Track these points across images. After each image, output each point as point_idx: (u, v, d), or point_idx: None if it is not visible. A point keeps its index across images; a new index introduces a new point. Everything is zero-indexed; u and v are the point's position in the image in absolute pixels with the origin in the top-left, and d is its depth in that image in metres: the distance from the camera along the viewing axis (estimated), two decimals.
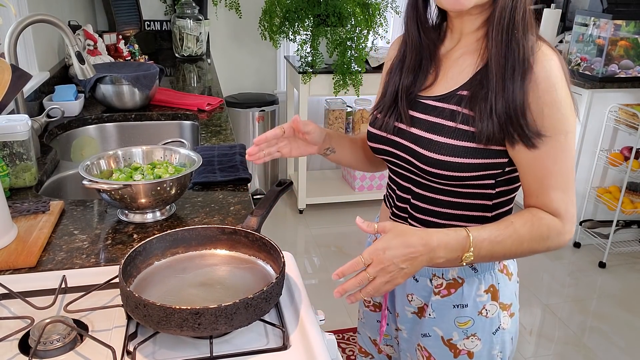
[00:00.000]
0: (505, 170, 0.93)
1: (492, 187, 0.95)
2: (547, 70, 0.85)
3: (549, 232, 0.89)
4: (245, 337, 0.80)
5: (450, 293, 1.02)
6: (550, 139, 0.87)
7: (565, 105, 0.87)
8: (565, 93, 0.87)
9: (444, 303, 1.02)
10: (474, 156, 0.90)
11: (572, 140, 0.89)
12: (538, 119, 0.87)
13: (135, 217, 1.16)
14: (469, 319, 1.02)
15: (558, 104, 0.86)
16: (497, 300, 1.02)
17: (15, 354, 0.74)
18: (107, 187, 1.08)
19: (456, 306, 1.02)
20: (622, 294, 2.77)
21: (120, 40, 2.73)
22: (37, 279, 0.92)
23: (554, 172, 0.88)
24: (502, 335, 1.04)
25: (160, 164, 1.24)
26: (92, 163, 1.19)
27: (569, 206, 0.90)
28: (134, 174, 1.18)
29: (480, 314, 1.02)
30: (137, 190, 1.09)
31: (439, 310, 1.03)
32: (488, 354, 1.04)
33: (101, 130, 1.94)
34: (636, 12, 2.85)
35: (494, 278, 1.02)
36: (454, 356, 1.04)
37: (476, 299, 1.01)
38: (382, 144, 1.03)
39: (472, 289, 1.01)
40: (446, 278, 1.02)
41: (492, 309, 1.02)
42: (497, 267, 1.02)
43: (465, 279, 1.01)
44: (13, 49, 1.41)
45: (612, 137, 3.03)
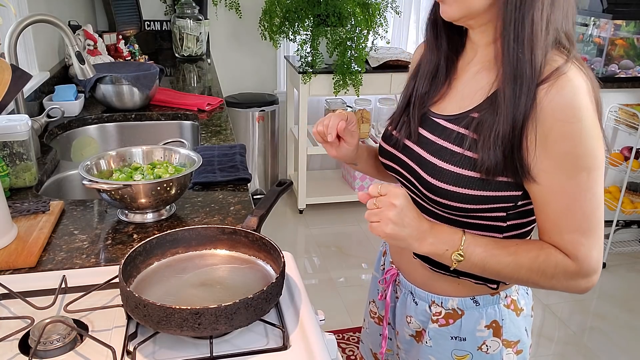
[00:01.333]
0: (517, 204, 0.84)
1: (502, 220, 0.87)
2: (568, 98, 0.75)
3: (555, 270, 0.81)
4: (245, 337, 0.80)
5: (449, 323, 0.96)
6: (569, 176, 0.77)
7: (590, 138, 0.76)
8: (591, 124, 0.76)
9: (442, 333, 0.97)
10: (481, 188, 0.82)
11: (598, 178, 0.78)
12: (542, 152, 0.78)
13: (135, 217, 1.16)
14: (467, 353, 0.96)
15: (579, 136, 0.75)
16: (500, 337, 0.95)
17: (15, 354, 0.74)
18: (107, 187, 1.08)
19: (454, 338, 0.96)
20: (622, 294, 2.77)
21: (120, 40, 2.73)
22: (37, 279, 0.92)
23: (571, 212, 0.79)
24: None
25: (160, 164, 1.24)
26: (92, 163, 1.19)
27: (590, 252, 0.80)
28: (134, 174, 1.18)
29: (479, 349, 0.96)
30: (137, 190, 1.09)
31: (436, 339, 0.98)
32: None
33: (101, 130, 1.94)
34: (636, 12, 2.85)
35: (497, 313, 0.95)
36: None
37: (476, 334, 0.95)
38: (391, 160, 0.98)
39: (472, 323, 0.95)
40: (445, 307, 0.96)
41: (493, 345, 0.96)
42: (502, 303, 0.95)
43: (465, 311, 0.95)
44: (13, 49, 1.41)
45: (612, 137, 3.03)
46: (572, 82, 0.76)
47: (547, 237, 0.83)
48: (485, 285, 0.93)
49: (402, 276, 1.03)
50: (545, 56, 0.78)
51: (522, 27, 0.77)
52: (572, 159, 0.77)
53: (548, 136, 0.77)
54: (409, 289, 1.02)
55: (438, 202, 0.87)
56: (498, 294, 0.95)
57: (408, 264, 1.01)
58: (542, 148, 0.78)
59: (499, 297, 0.95)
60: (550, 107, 0.76)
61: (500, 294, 0.95)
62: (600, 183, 0.79)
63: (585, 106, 0.76)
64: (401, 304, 1.04)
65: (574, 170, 0.77)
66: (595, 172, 0.78)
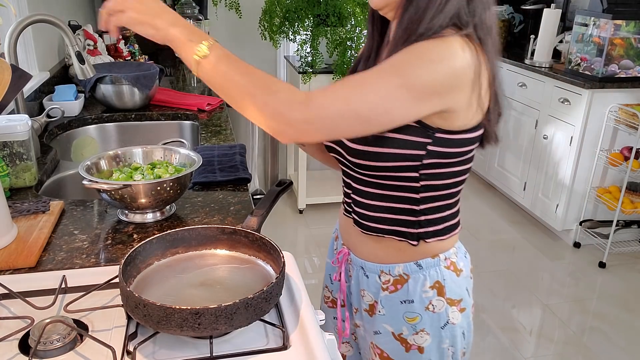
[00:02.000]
0: (423, 162, 0.91)
1: (416, 180, 0.94)
2: (434, 39, 0.83)
3: (282, 87, 0.84)
4: (245, 337, 0.80)
5: (397, 289, 1.04)
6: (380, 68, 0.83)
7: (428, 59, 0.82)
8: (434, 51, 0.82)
9: (392, 299, 1.04)
10: (391, 145, 0.90)
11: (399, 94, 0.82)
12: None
13: (135, 217, 1.16)
14: (416, 314, 1.04)
15: (420, 51, 0.82)
16: (443, 296, 1.03)
17: (15, 354, 0.74)
18: (107, 187, 1.08)
19: (403, 302, 1.04)
20: (622, 294, 2.77)
21: (120, 40, 2.73)
22: (37, 279, 0.92)
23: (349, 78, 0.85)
24: (452, 330, 1.06)
25: (160, 163, 1.24)
26: (92, 163, 1.19)
27: (319, 93, 0.83)
28: (134, 174, 1.18)
29: (427, 309, 1.03)
30: (137, 190, 1.09)
31: (388, 307, 1.05)
32: (438, 347, 1.06)
33: (101, 130, 1.94)
34: (636, 12, 2.85)
35: (439, 274, 1.03)
36: (405, 350, 1.06)
37: (422, 295, 1.03)
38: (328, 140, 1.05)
39: (418, 285, 1.02)
40: (392, 274, 1.04)
41: (439, 305, 1.03)
42: (442, 264, 1.03)
43: (410, 275, 1.03)
44: (13, 49, 1.41)
45: (612, 137, 3.03)
46: (444, 36, 0.84)
47: None
48: (407, 241, 1.00)
49: (352, 254, 1.10)
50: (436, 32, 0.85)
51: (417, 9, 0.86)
52: (398, 59, 0.83)
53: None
54: (360, 264, 1.09)
55: (358, 164, 0.95)
56: (438, 256, 1.03)
57: (355, 240, 1.08)
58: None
59: (439, 260, 1.03)
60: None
61: (439, 256, 1.03)
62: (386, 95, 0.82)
63: (441, 47, 0.82)
64: (355, 280, 1.11)
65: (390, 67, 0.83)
66: (405, 88, 0.81)
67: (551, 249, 3.19)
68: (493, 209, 3.67)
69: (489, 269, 2.96)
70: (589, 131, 2.98)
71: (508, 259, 3.06)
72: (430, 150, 0.90)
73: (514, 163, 3.58)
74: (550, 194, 3.24)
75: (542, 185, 3.31)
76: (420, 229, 0.99)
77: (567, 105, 3.05)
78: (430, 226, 0.99)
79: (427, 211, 0.98)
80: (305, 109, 0.82)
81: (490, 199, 3.81)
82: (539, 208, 3.36)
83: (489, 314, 2.57)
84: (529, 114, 3.39)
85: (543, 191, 3.31)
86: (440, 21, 0.85)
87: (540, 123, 3.29)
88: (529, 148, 3.40)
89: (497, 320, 2.53)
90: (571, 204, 3.13)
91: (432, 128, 0.89)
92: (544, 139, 3.25)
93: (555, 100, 3.14)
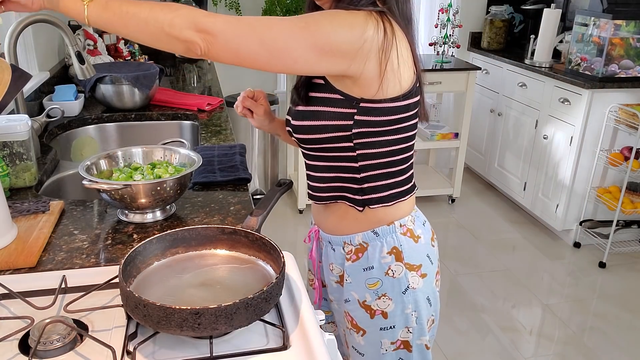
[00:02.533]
0: (354, 132, 0.99)
1: (352, 150, 1.02)
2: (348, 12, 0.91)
3: (177, 6, 0.85)
4: (245, 337, 0.80)
5: (359, 257, 1.11)
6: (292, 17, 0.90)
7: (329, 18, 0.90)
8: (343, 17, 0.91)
9: (355, 267, 1.11)
10: (322, 118, 1.00)
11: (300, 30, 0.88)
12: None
13: (135, 217, 1.16)
14: (377, 279, 1.10)
15: (327, 13, 0.92)
16: (402, 261, 1.09)
17: (15, 354, 0.74)
18: (107, 187, 1.08)
19: (365, 269, 1.10)
20: (622, 294, 2.77)
21: (120, 40, 2.73)
22: (37, 279, 0.92)
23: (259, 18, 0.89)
24: (414, 295, 1.11)
25: (160, 163, 1.24)
26: (92, 163, 1.19)
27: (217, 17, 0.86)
28: (134, 174, 1.18)
29: (386, 274, 1.09)
30: (137, 190, 1.09)
31: (353, 275, 1.12)
32: (402, 313, 1.11)
33: (101, 130, 1.94)
34: (636, 12, 2.85)
35: (396, 241, 1.09)
36: (371, 317, 1.12)
37: (381, 261, 1.09)
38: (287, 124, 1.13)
39: (376, 252, 1.09)
40: (353, 244, 1.11)
41: (398, 270, 1.09)
42: (399, 231, 1.09)
43: (369, 243, 1.09)
44: (13, 48, 1.41)
45: (612, 137, 3.03)
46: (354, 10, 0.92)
47: None
48: (354, 207, 1.09)
49: (321, 232, 1.19)
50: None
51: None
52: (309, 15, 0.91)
53: None
54: (327, 239, 1.17)
55: (300, 139, 1.05)
56: (393, 224, 1.09)
57: (321, 217, 1.18)
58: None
59: (395, 227, 1.09)
60: None
61: (395, 224, 1.09)
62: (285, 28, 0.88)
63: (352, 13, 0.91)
64: (325, 256, 1.20)
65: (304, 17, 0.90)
66: (308, 33, 0.88)
67: (551, 249, 3.19)
68: (493, 209, 3.67)
69: (489, 269, 2.96)
70: (589, 131, 2.98)
71: (508, 259, 3.06)
72: (358, 120, 0.99)
73: (514, 163, 3.58)
74: (551, 194, 3.24)
75: (542, 185, 3.31)
76: (364, 195, 1.07)
77: (567, 105, 3.05)
78: (374, 193, 1.07)
79: (368, 179, 1.06)
80: (211, 22, 0.84)
81: (490, 199, 3.81)
82: (539, 208, 3.36)
83: (489, 314, 2.57)
84: (529, 114, 3.39)
85: (543, 191, 3.31)
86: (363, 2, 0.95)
87: (540, 123, 3.29)
88: (529, 148, 3.40)
89: (497, 320, 2.53)
90: (571, 204, 3.13)
91: (355, 98, 0.97)
92: (544, 139, 3.25)
93: (555, 100, 3.14)
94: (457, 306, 2.63)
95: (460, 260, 3.03)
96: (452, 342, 2.37)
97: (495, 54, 3.73)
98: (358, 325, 1.14)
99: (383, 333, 1.12)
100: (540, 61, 3.31)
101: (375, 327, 1.12)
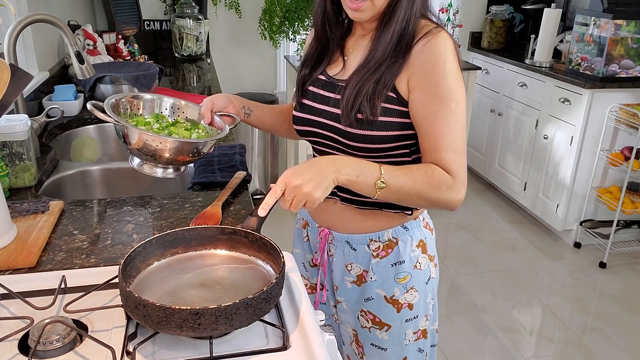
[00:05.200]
0: (416, 141, 1.05)
1: (408, 156, 1.06)
2: (438, 47, 0.97)
3: (439, 182, 0.98)
4: (245, 337, 0.79)
5: (388, 253, 1.13)
6: (442, 106, 0.98)
7: (454, 77, 0.99)
8: (454, 67, 0.99)
9: (383, 264, 1.13)
10: (390, 129, 1.02)
11: (463, 108, 1.00)
12: (418, 90, 0.99)
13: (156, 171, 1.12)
14: (407, 273, 1.13)
15: (446, 75, 0.98)
16: (426, 253, 1.16)
17: (15, 354, 0.74)
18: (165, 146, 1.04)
19: (394, 264, 1.13)
20: (622, 294, 2.77)
21: (120, 40, 2.72)
22: (36, 279, 0.92)
23: (446, 134, 0.99)
24: (432, 284, 1.18)
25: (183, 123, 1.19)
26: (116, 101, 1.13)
27: (460, 168, 1.00)
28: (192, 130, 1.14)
29: (415, 267, 1.14)
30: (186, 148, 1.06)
31: (379, 272, 1.14)
32: (424, 302, 1.17)
33: (101, 130, 1.94)
34: (636, 12, 2.84)
35: (422, 233, 1.15)
36: (397, 311, 1.15)
37: (411, 254, 1.13)
38: (306, 125, 1.13)
39: (407, 246, 1.13)
40: (382, 240, 1.13)
41: (423, 262, 1.15)
42: (422, 224, 1.16)
43: (399, 238, 1.13)
44: (13, 48, 1.40)
45: (613, 137, 3.03)
46: (442, 37, 0.99)
47: (429, 157, 1.01)
48: (403, 212, 1.12)
49: (334, 232, 1.17)
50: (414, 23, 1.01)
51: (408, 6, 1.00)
52: (442, 92, 0.98)
53: (422, 76, 0.99)
54: (345, 239, 1.16)
55: (356, 147, 1.04)
56: (418, 218, 1.15)
57: (339, 216, 1.15)
58: (418, 87, 0.99)
59: (420, 221, 1.16)
60: (425, 54, 0.98)
61: (419, 217, 1.16)
62: (464, 114, 1.01)
63: (450, 53, 0.98)
64: (338, 257, 1.18)
65: (445, 100, 0.98)
66: (460, 103, 0.99)
67: (551, 249, 3.19)
68: (493, 209, 3.66)
69: (489, 269, 2.95)
70: (590, 131, 2.98)
71: (508, 259, 3.06)
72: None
73: (514, 163, 3.58)
74: (551, 194, 3.24)
75: (543, 185, 3.31)
76: None
77: (568, 105, 3.05)
78: None
79: None
80: (460, 191, 1.00)
81: (491, 199, 3.80)
82: (539, 208, 3.36)
83: (489, 314, 2.57)
84: (529, 113, 3.38)
85: (543, 191, 3.31)
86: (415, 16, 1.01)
87: (540, 123, 3.29)
88: (530, 148, 3.40)
89: (497, 320, 2.52)
90: (572, 204, 3.13)
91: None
92: (544, 138, 3.25)
93: (555, 100, 3.14)
94: (457, 306, 2.63)
95: (460, 261, 3.03)
96: (452, 342, 2.37)
97: (496, 53, 3.73)
98: (382, 322, 1.16)
99: (407, 324, 1.16)
100: (541, 61, 3.31)
101: (401, 320, 1.16)
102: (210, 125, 1.18)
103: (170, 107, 1.22)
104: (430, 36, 0.99)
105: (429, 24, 1.02)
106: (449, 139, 0.99)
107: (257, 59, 3.71)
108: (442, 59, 0.97)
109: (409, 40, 1.00)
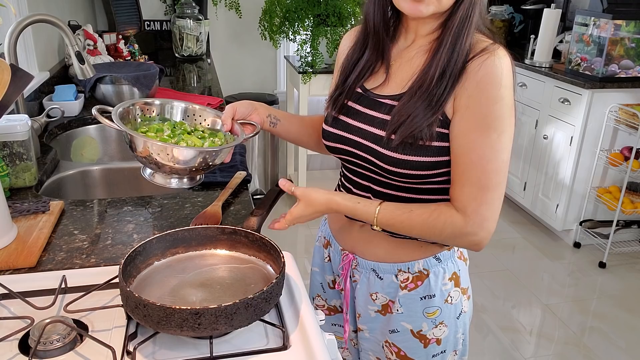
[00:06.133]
0: None
1: (449, 183, 0.96)
2: (494, 68, 0.87)
3: (443, 227, 0.91)
4: (245, 337, 0.80)
5: (418, 285, 1.04)
6: (481, 134, 0.87)
7: (504, 104, 0.88)
8: (507, 93, 0.88)
9: (411, 297, 1.04)
10: (432, 154, 0.91)
11: (506, 142, 0.89)
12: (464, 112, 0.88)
13: (170, 182, 1.03)
14: (437, 308, 1.05)
15: (496, 100, 0.87)
16: (459, 286, 1.07)
17: (15, 354, 0.74)
18: (180, 157, 0.95)
19: (423, 298, 1.04)
20: (622, 294, 2.77)
21: (120, 40, 2.73)
22: (37, 279, 0.92)
23: (476, 166, 0.88)
24: (464, 318, 1.10)
25: (187, 130, 1.10)
26: (124, 109, 1.04)
27: (481, 207, 0.89)
28: (205, 138, 1.05)
29: (446, 301, 1.05)
30: (205, 157, 0.98)
31: (407, 305, 1.05)
32: (453, 337, 1.08)
33: (101, 130, 1.94)
34: (636, 12, 2.85)
35: (455, 265, 1.06)
36: (424, 346, 1.07)
37: (442, 288, 1.04)
38: (338, 142, 1.03)
39: (438, 279, 1.04)
40: (412, 272, 1.04)
41: (455, 295, 1.07)
42: (456, 255, 1.07)
43: (430, 270, 1.03)
44: (13, 49, 1.40)
45: (612, 137, 3.03)
46: (500, 57, 0.88)
47: (452, 188, 0.93)
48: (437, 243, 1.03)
49: (359, 258, 1.09)
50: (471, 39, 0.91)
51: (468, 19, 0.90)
52: (486, 119, 0.87)
53: (470, 98, 0.88)
54: (370, 267, 1.07)
55: (395, 172, 0.94)
56: (452, 248, 1.05)
57: (366, 242, 1.07)
58: (463, 109, 0.89)
59: (454, 251, 1.06)
60: (480, 74, 0.87)
61: (454, 248, 1.06)
62: (507, 148, 0.89)
63: (506, 76, 0.87)
64: (362, 284, 1.10)
65: (487, 129, 0.87)
66: (504, 134, 0.88)
67: (551, 249, 3.19)
68: None
69: (489, 269, 2.95)
70: (589, 131, 2.98)
71: (508, 259, 3.06)
72: None
73: (514, 163, 3.58)
74: (551, 194, 3.24)
75: (542, 185, 3.31)
76: None
77: (567, 105, 3.05)
78: None
79: None
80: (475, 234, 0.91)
81: None
82: (539, 208, 3.36)
83: (489, 314, 2.57)
84: (529, 114, 3.39)
85: (543, 191, 3.31)
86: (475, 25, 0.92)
87: (540, 123, 3.29)
88: (529, 148, 3.40)
89: (497, 320, 2.53)
90: (571, 204, 3.13)
91: None
92: (544, 139, 3.25)
93: (555, 100, 3.14)
94: None
95: None
96: None
97: None
98: (407, 356, 1.08)
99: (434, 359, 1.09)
100: (540, 61, 3.31)
101: (428, 356, 1.07)
102: (231, 133, 1.08)
103: (192, 113, 1.14)
104: (487, 54, 0.88)
105: (484, 39, 0.92)
106: (478, 171, 0.88)
107: (257, 59, 3.71)
108: (497, 83, 0.87)
109: (464, 57, 0.89)
